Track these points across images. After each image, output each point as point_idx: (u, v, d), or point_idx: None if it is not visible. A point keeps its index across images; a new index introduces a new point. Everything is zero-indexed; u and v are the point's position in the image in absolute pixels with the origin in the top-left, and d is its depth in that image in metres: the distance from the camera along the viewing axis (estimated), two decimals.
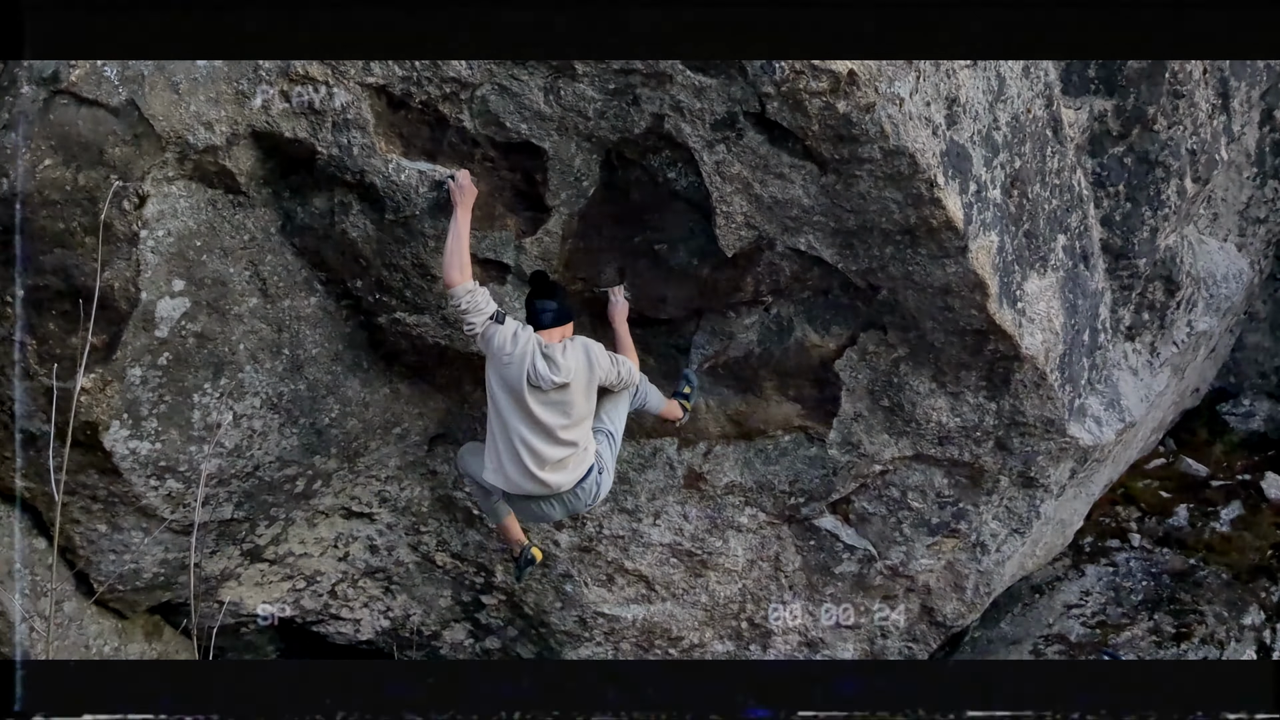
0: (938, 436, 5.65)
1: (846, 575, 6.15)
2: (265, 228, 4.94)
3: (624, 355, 4.97)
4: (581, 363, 4.72)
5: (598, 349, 4.80)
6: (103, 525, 5.38)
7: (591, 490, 4.90)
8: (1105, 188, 5.91)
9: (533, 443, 4.70)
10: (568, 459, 4.77)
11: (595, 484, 4.90)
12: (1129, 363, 6.39)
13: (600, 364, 4.77)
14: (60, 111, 4.50)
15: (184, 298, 4.87)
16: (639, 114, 4.66)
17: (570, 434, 4.75)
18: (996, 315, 5.17)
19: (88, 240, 4.63)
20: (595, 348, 4.80)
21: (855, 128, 4.55)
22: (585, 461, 4.84)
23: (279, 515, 5.68)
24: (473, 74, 4.59)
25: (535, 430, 4.69)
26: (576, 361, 4.70)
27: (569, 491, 4.84)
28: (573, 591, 6.08)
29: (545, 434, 4.71)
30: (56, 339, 4.83)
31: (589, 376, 4.74)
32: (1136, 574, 7.24)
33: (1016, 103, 5.15)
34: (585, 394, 4.75)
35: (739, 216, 4.89)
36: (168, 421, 5.11)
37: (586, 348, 4.78)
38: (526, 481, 4.76)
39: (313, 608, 6.12)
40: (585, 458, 4.84)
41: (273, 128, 4.62)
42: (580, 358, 4.72)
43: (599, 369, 4.78)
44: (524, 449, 4.71)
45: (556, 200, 4.91)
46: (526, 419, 4.68)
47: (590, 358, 4.75)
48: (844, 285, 5.18)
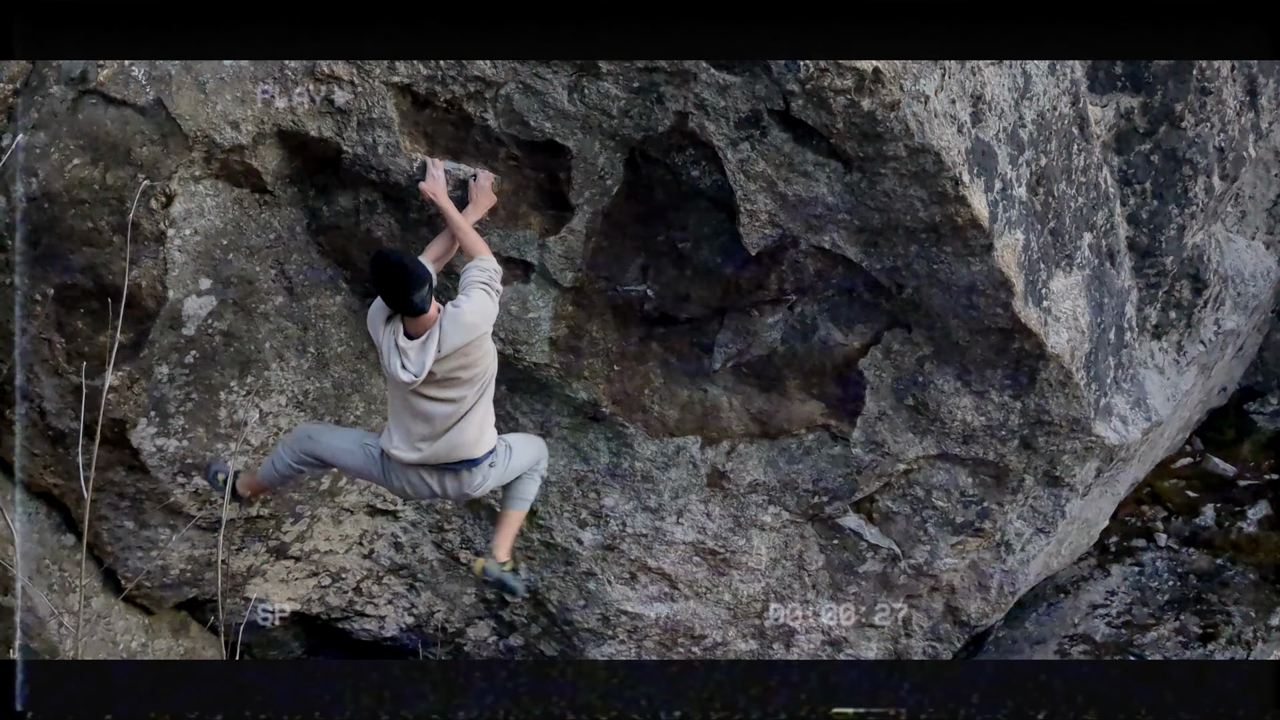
0: (962, 435, 5.63)
1: (870, 574, 6.13)
2: (291, 226, 4.97)
3: (481, 258, 4.53)
4: (451, 344, 4.36)
5: (462, 311, 4.37)
6: (130, 522, 5.43)
7: (477, 480, 4.69)
8: (1132, 185, 5.87)
9: (415, 422, 4.50)
10: (450, 433, 4.52)
11: (484, 476, 4.69)
12: (1155, 361, 6.35)
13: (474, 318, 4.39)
14: (88, 111, 4.55)
15: (210, 296, 4.91)
16: (663, 112, 4.67)
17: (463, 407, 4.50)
18: (1022, 314, 5.14)
19: (115, 239, 4.68)
20: (460, 312, 4.37)
21: (880, 125, 4.54)
22: (479, 441, 4.60)
23: (304, 512, 5.72)
24: (497, 73, 4.60)
25: (415, 413, 4.50)
26: (447, 344, 4.36)
27: (452, 469, 4.62)
28: (596, 590, 6.09)
29: (424, 418, 4.50)
30: (84, 337, 4.88)
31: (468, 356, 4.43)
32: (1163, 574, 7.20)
33: (1042, 100, 5.12)
34: (474, 372, 4.47)
35: (763, 215, 4.89)
36: (194, 419, 5.15)
37: (455, 322, 4.36)
38: (408, 452, 4.55)
39: (337, 604, 6.15)
40: (478, 436, 4.59)
41: (298, 127, 4.65)
42: (450, 342, 4.36)
43: (471, 331, 4.39)
44: (410, 423, 4.51)
45: (580, 199, 4.92)
46: (412, 398, 4.47)
47: (459, 328, 4.36)
48: (868, 283, 5.17)
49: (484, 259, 4.53)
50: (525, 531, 5.94)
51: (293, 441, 4.87)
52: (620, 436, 5.64)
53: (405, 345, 4.36)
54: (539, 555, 6.02)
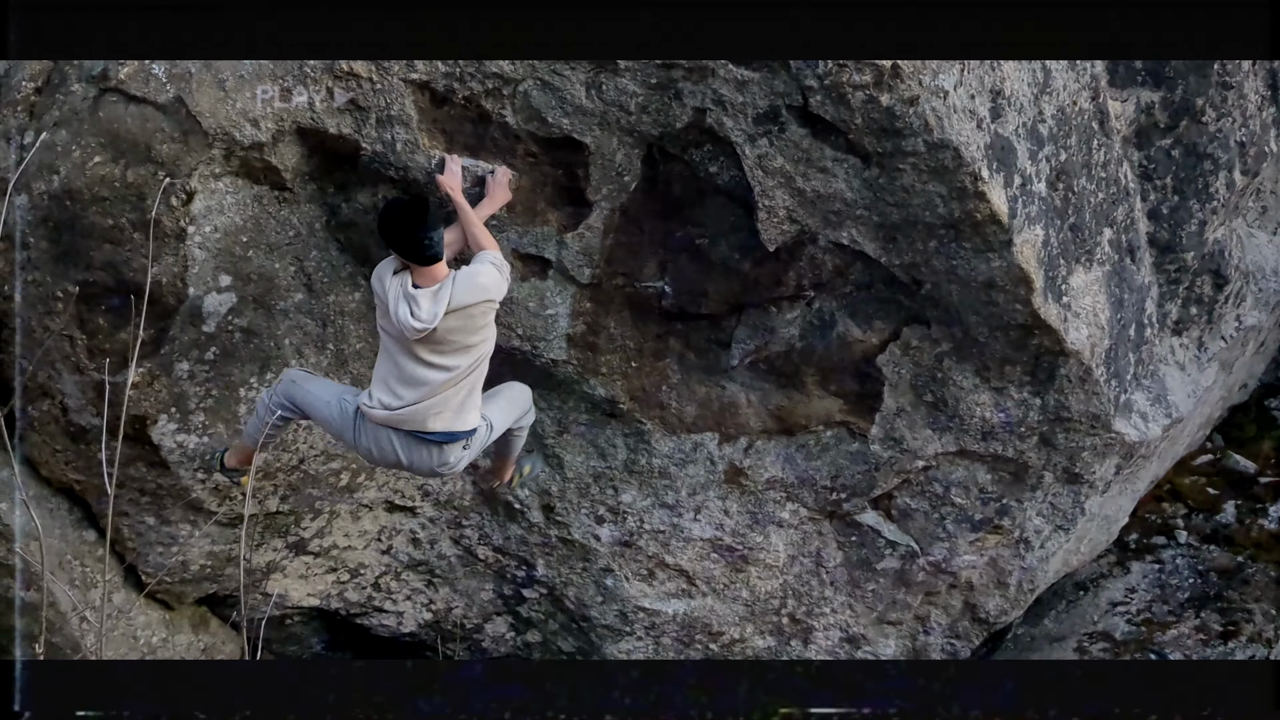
0: (981, 432, 5.61)
1: (888, 571, 6.12)
2: (310, 223, 4.99)
3: (490, 252, 4.50)
4: (460, 300, 4.34)
5: (479, 273, 4.38)
6: (151, 518, 5.46)
7: (450, 457, 4.64)
8: (1152, 180, 5.84)
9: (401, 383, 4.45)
10: (434, 400, 4.49)
11: (456, 456, 4.65)
12: (1176, 358, 6.31)
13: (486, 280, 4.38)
14: (109, 109, 4.58)
15: (230, 293, 4.93)
16: (680, 108, 4.67)
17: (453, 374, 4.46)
18: (1041, 310, 5.13)
19: (136, 236, 4.71)
20: (476, 273, 4.38)
21: (899, 121, 4.53)
22: (459, 417, 4.56)
23: (323, 508, 5.74)
24: (515, 70, 4.61)
25: (406, 376, 4.44)
26: (457, 299, 4.33)
27: (424, 440, 4.56)
28: (613, 586, 6.10)
29: (412, 381, 4.45)
30: (105, 334, 4.91)
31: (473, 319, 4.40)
32: (1183, 571, 7.16)
33: (1062, 95, 5.10)
34: (473, 340, 4.44)
35: (781, 210, 4.88)
36: (214, 415, 5.18)
37: (470, 280, 4.35)
38: (382, 409, 4.49)
39: (356, 600, 6.18)
40: (459, 411, 4.55)
41: (318, 124, 4.67)
42: (460, 298, 4.34)
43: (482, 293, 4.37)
44: (395, 382, 4.46)
45: (598, 195, 4.92)
46: (404, 358, 4.42)
47: (473, 287, 4.35)
48: (887, 279, 5.16)
49: (494, 254, 4.51)
50: (543, 528, 5.95)
51: (279, 385, 4.76)
52: (638, 433, 5.64)
53: (415, 293, 4.30)
54: (556, 551, 6.03)
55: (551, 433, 5.67)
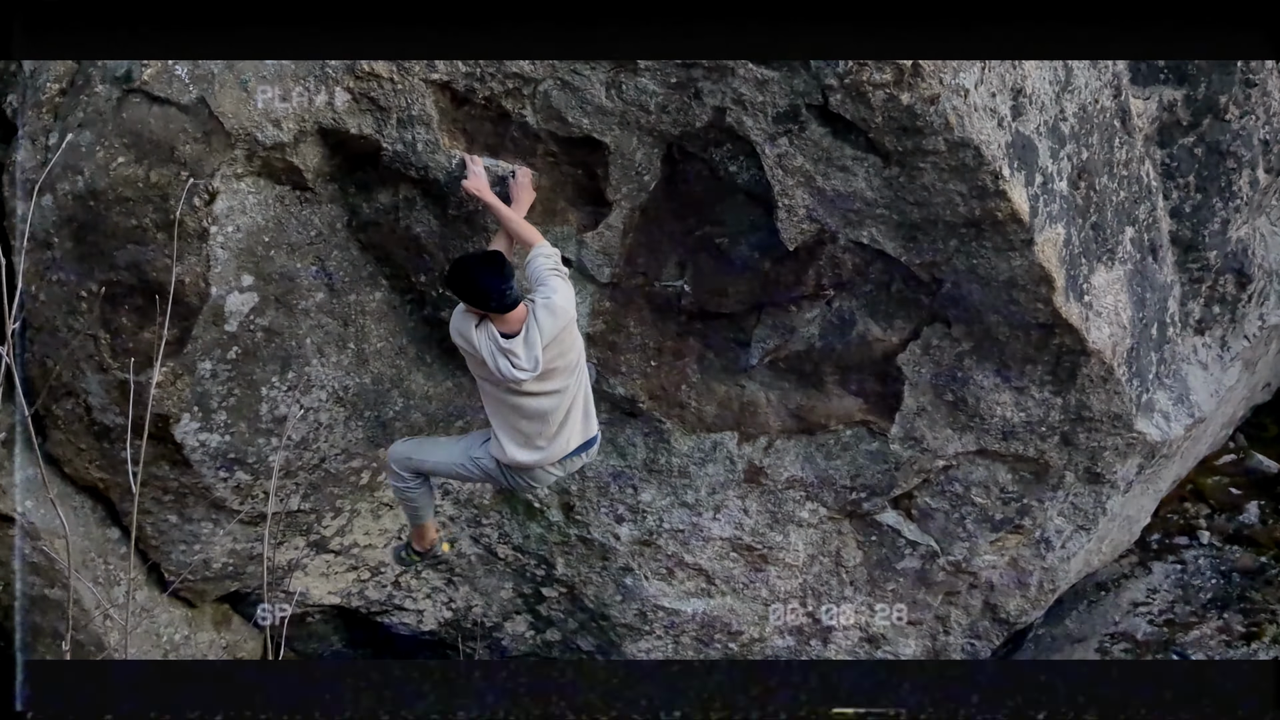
0: (1002, 431, 5.59)
1: (908, 571, 6.11)
2: (331, 223, 5.01)
3: (540, 246, 4.54)
4: (549, 332, 4.40)
5: (554, 299, 4.42)
6: (173, 516, 5.49)
7: (584, 460, 4.89)
8: (1175, 179, 5.81)
9: (526, 422, 4.57)
10: (565, 423, 4.65)
11: (590, 455, 4.88)
12: (1198, 357, 6.28)
13: (564, 303, 4.44)
14: (133, 110, 4.60)
15: (252, 293, 4.95)
16: (700, 108, 4.67)
17: (569, 395, 4.60)
18: (1063, 309, 5.10)
19: (159, 236, 4.73)
20: (552, 301, 4.42)
21: (919, 120, 4.51)
22: (587, 422, 4.75)
23: (344, 507, 5.77)
24: (535, 70, 4.62)
25: (526, 414, 4.55)
26: (546, 333, 4.40)
27: (572, 455, 4.75)
28: (633, 585, 6.10)
29: (535, 417, 4.57)
30: (129, 333, 4.94)
31: (564, 343, 4.48)
32: (1205, 572, 7.12)
33: (1084, 93, 5.08)
34: (570, 359, 4.54)
35: (801, 210, 4.87)
36: (236, 414, 5.20)
37: (549, 310, 4.41)
38: (529, 454, 4.64)
39: (377, 598, 6.20)
40: (584, 417, 4.74)
41: (339, 124, 4.69)
42: (548, 330, 4.40)
43: (564, 315, 4.44)
44: (520, 424, 4.57)
45: (618, 194, 4.93)
46: (517, 399, 4.52)
47: (554, 315, 4.41)
48: (907, 278, 5.14)
49: (543, 246, 4.57)
50: (563, 526, 5.96)
51: (394, 464, 4.99)
52: (657, 432, 5.64)
53: (509, 346, 4.38)
54: (576, 550, 6.04)
55: None
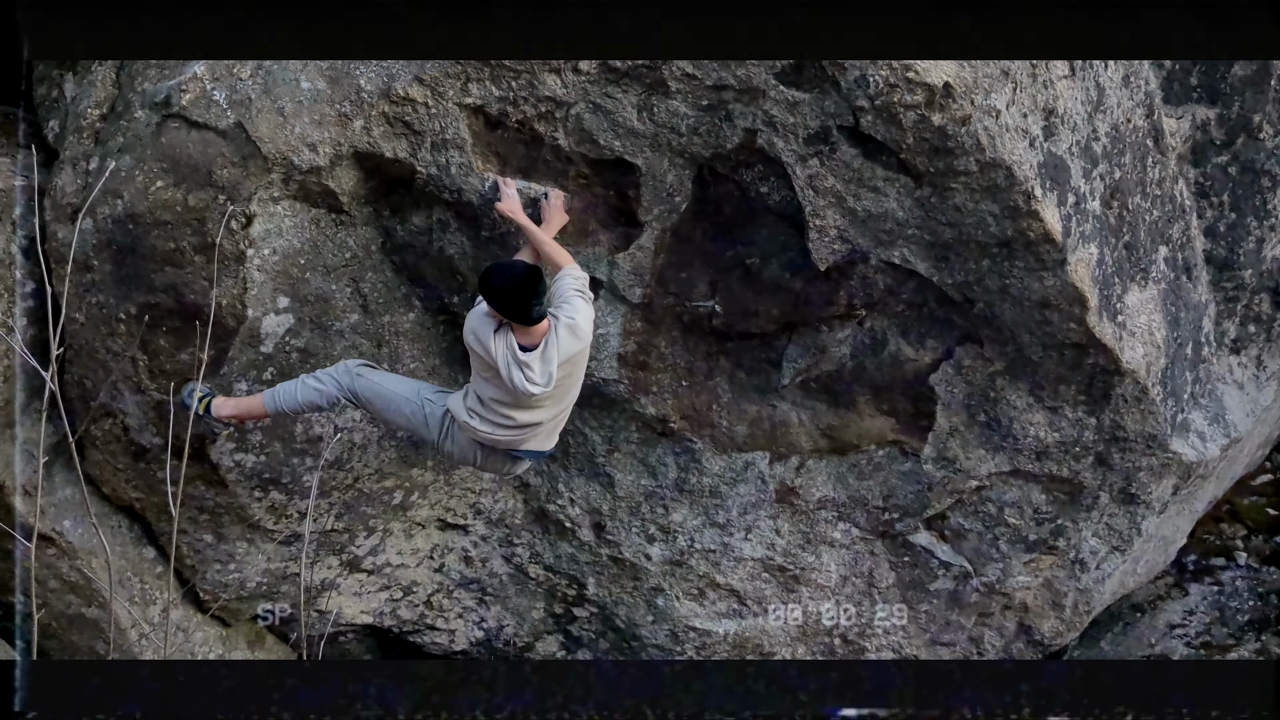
0: (1035, 451, 5.56)
1: (941, 592, 6.07)
2: (366, 245, 5.06)
3: (570, 268, 4.55)
4: (567, 352, 4.43)
5: (577, 320, 4.44)
6: (209, 535, 5.54)
7: (524, 468, 4.97)
8: (1209, 198, 5.78)
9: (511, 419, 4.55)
10: (536, 434, 4.67)
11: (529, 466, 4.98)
12: (1234, 376, 6.23)
13: (587, 325, 4.47)
14: (171, 135, 4.67)
15: (288, 314, 5.00)
16: (731, 129, 4.68)
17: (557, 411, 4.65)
18: (1096, 329, 5.08)
19: (197, 259, 4.79)
20: (576, 321, 4.43)
21: (950, 140, 4.52)
22: (553, 437, 4.80)
23: (377, 526, 5.80)
24: (567, 93, 4.65)
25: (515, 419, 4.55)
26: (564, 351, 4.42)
27: (514, 454, 4.76)
28: (664, 605, 6.10)
29: (523, 425, 4.58)
30: (167, 354, 5.00)
31: (575, 365, 4.51)
32: (1243, 593, 7.05)
33: (1116, 113, 5.07)
34: (573, 380, 4.56)
35: (832, 230, 4.88)
36: (271, 434, 5.25)
37: (572, 331, 4.42)
38: (490, 433, 4.60)
39: (409, 618, 6.22)
40: (552, 434, 4.78)
41: (374, 148, 4.73)
42: (566, 349, 4.42)
43: (585, 338, 4.47)
44: (504, 417, 4.55)
45: (649, 215, 4.95)
46: (514, 409, 4.52)
47: (576, 335, 4.43)
48: (939, 298, 5.14)
49: (572, 268, 4.60)
50: (594, 546, 5.96)
51: (341, 376, 4.76)
52: (688, 452, 5.64)
53: (526, 358, 4.37)
54: (607, 570, 6.04)
55: (602, 451, 5.69)
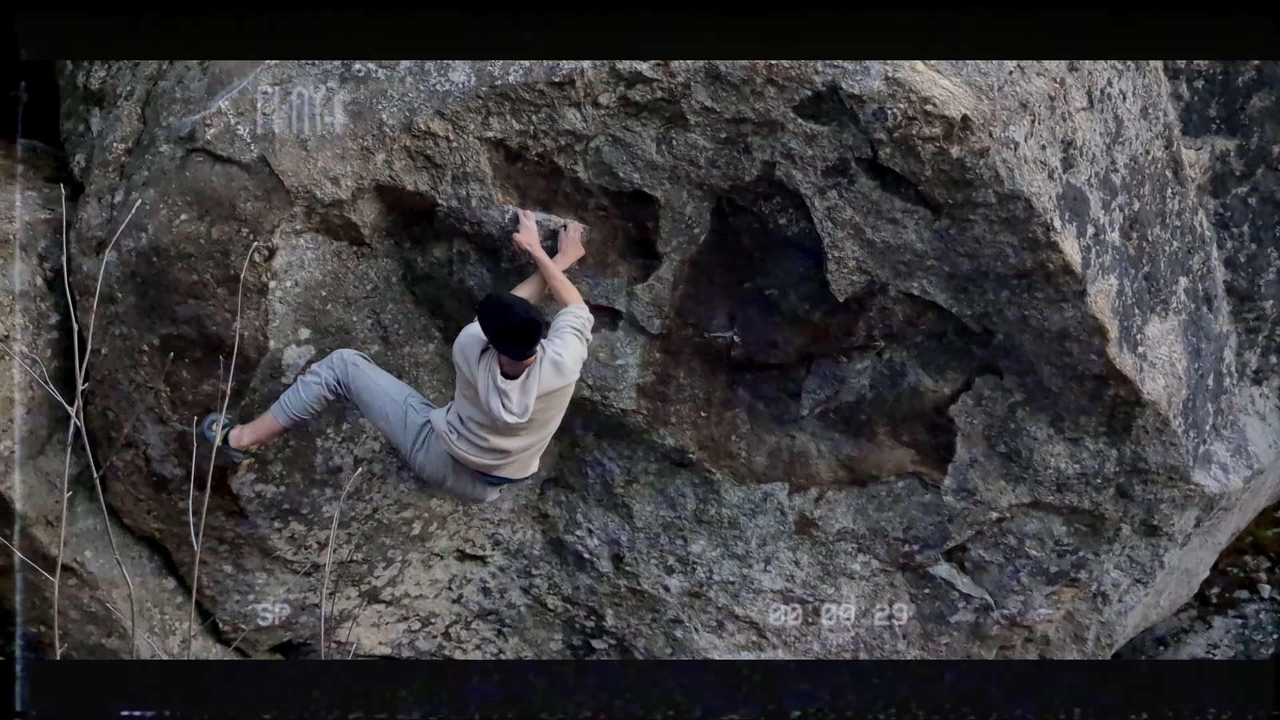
0: (1056, 483, 5.53)
1: (962, 625, 6.04)
2: (387, 277, 5.09)
3: (574, 306, 4.58)
4: (547, 386, 4.43)
5: (564, 357, 4.44)
6: (228, 566, 5.56)
7: (494, 495, 4.99)
8: (1229, 229, 5.77)
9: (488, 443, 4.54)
10: (516, 462, 4.69)
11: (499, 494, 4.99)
12: (1256, 408, 6.20)
13: (573, 364, 4.47)
14: (195, 169, 4.72)
15: (309, 345, 5.03)
16: (750, 162, 4.71)
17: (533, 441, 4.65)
18: (1116, 360, 5.07)
19: (219, 291, 4.83)
20: (562, 358, 4.43)
21: (969, 172, 4.53)
22: (529, 467, 4.82)
23: (396, 557, 5.80)
24: (587, 126, 4.69)
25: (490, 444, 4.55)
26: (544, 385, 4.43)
27: (485, 478, 4.75)
28: (683, 637, 6.07)
29: (498, 451, 4.58)
30: (189, 385, 5.03)
31: (556, 399, 4.52)
32: (1266, 626, 6.99)
33: (1135, 144, 5.07)
34: (552, 413, 4.58)
35: (851, 261, 4.89)
36: (291, 465, 5.27)
37: (556, 367, 4.42)
38: (466, 453, 4.58)
39: (427, 649, 6.21)
40: (529, 463, 4.79)
41: (396, 181, 4.77)
42: (547, 384, 4.43)
43: (569, 376, 4.47)
44: (481, 440, 4.54)
45: (668, 247, 4.97)
46: (490, 434, 4.52)
47: (559, 372, 4.44)
48: (958, 329, 5.13)
49: (578, 307, 4.62)
50: (612, 577, 5.95)
51: (336, 365, 4.75)
52: (707, 483, 5.64)
53: (505, 386, 4.39)
54: (626, 602, 6.03)
55: (620, 482, 5.69)
